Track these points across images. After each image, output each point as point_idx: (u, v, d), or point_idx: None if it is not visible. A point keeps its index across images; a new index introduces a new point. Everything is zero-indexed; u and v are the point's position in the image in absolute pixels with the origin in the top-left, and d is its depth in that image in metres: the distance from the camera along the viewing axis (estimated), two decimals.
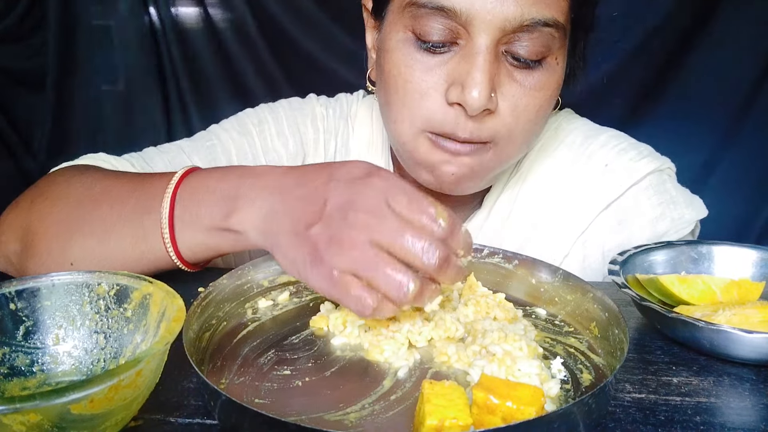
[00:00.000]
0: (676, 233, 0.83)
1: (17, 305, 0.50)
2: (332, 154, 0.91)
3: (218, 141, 0.87)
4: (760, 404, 0.52)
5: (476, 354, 0.54)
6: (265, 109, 0.92)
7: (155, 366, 0.44)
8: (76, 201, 0.69)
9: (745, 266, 0.71)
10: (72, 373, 0.51)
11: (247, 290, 0.65)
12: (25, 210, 0.72)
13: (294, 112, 0.91)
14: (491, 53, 0.67)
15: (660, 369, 0.57)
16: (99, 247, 0.66)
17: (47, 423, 0.38)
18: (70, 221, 0.67)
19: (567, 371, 0.55)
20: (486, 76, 0.67)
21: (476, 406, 0.45)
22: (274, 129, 0.89)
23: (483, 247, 0.71)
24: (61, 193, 0.71)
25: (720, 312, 0.60)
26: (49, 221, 0.68)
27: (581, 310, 0.62)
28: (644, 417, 0.49)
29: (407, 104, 0.72)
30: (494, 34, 0.67)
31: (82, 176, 0.72)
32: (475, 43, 0.67)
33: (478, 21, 0.66)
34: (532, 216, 0.86)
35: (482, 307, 0.62)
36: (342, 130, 0.92)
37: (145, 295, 0.50)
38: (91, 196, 0.68)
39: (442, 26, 0.68)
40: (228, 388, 0.51)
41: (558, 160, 0.87)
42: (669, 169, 0.86)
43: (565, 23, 0.70)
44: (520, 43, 0.68)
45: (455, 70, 0.69)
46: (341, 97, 0.95)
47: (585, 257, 0.85)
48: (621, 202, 0.84)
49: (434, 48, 0.69)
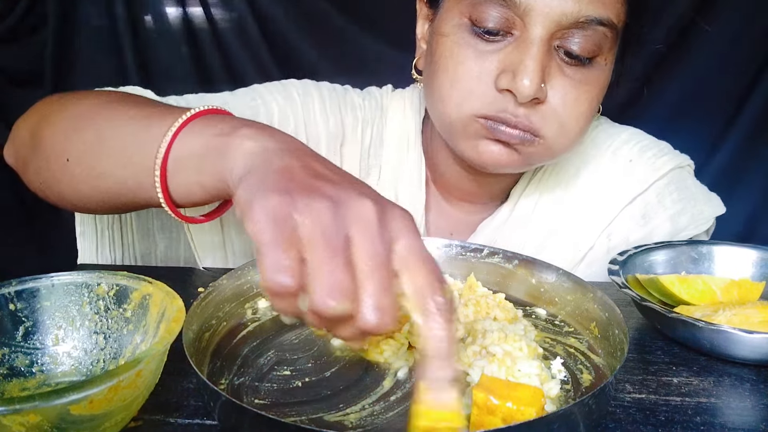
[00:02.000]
0: (696, 228, 0.85)
1: (17, 306, 0.50)
2: (368, 143, 0.91)
3: (262, 101, 0.85)
4: (760, 404, 0.52)
5: (476, 354, 0.54)
6: (310, 83, 0.91)
7: (155, 366, 0.44)
8: (95, 102, 0.66)
9: (745, 266, 0.71)
10: (72, 374, 0.51)
11: (246, 290, 0.65)
12: (48, 105, 0.70)
13: (337, 95, 0.91)
14: (545, 45, 0.69)
15: (660, 369, 0.57)
16: (95, 144, 0.62)
17: (47, 424, 0.38)
18: (78, 117, 0.65)
19: (567, 371, 0.54)
20: (538, 66, 0.68)
21: (476, 407, 0.45)
22: (318, 105, 0.88)
23: (483, 247, 0.71)
24: (86, 96, 0.68)
25: (720, 312, 0.60)
26: (61, 115, 0.66)
27: (581, 310, 0.62)
28: (644, 417, 0.49)
29: (456, 86, 0.73)
30: (550, 27, 0.68)
31: (116, 92, 0.70)
32: (530, 34, 0.69)
33: (535, 12, 0.68)
34: (556, 209, 0.87)
35: (482, 307, 0.62)
36: (378, 120, 0.92)
37: (145, 295, 0.50)
38: (114, 101, 0.66)
39: (498, 14, 0.69)
40: (228, 389, 0.51)
41: (582, 155, 0.88)
42: (689, 166, 0.88)
43: (619, 26, 0.71)
44: (574, 39, 0.69)
45: (508, 58, 0.70)
46: (373, 89, 0.95)
47: (609, 250, 0.86)
48: (645, 196, 0.86)
49: (489, 35, 0.71)
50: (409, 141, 0.90)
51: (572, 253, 0.86)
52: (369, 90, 0.95)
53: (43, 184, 0.68)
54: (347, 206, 0.41)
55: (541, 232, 0.87)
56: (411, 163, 0.89)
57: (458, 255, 0.72)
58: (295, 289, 0.39)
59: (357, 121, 0.90)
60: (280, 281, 0.39)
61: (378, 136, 0.91)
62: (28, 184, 0.71)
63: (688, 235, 0.84)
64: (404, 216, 0.43)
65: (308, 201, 0.41)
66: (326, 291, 0.39)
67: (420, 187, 0.89)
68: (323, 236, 0.40)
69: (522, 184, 0.88)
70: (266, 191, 0.42)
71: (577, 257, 0.86)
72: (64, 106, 0.68)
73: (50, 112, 0.68)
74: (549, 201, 0.87)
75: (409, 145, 0.90)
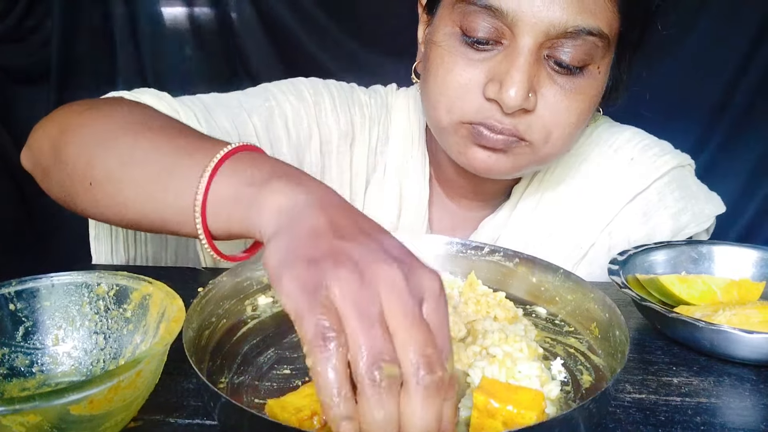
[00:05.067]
0: (697, 226, 0.85)
1: (17, 306, 0.50)
2: (375, 141, 0.92)
3: (276, 102, 0.85)
4: (760, 404, 0.52)
5: (476, 355, 0.54)
6: (318, 82, 0.91)
7: (155, 367, 0.44)
8: (121, 124, 0.63)
9: (745, 266, 0.71)
10: (71, 374, 0.51)
11: (246, 287, 0.65)
12: (71, 115, 0.67)
13: (345, 93, 0.91)
14: (533, 55, 0.69)
15: (660, 369, 0.57)
16: (119, 171, 0.59)
17: (47, 424, 0.38)
18: (104, 137, 0.62)
19: (567, 372, 0.54)
20: (525, 77, 0.69)
21: (477, 410, 0.45)
22: (328, 104, 0.88)
23: (483, 245, 0.71)
24: (112, 112, 0.66)
25: (720, 312, 0.60)
26: (87, 130, 0.64)
27: (582, 310, 0.62)
28: (645, 417, 0.49)
29: (445, 93, 0.74)
30: (538, 37, 0.68)
31: (138, 106, 0.68)
32: (518, 44, 0.69)
33: (523, 23, 0.68)
34: (558, 207, 0.87)
35: (482, 305, 0.62)
36: (383, 118, 0.93)
37: (145, 295, 0.50)
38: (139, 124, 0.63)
39: (488, 24, 0.70)
40: (227, 388, 0.51)
41: (584, 153, 0.89)
42: (689, 165, 0.89)
43: (611, 35, 0.71)
44: (563, 48, 0.69)
45: (496, 67, 0.71)
46: (378, 88, 0.96)
47: (611, 248, 0.86)
48: (646, 194, 0.86)
49: (478, 44, 0.71)
50: (413, 139, 0.91)
51: (574, 251, 0.86)
52: (374, 88, 0.96)
53: (67, 197, 0.66)
54: (373, 272, 0.40)
55: (543, 230, 0.87)
56: (415, 160, 0.90)
57: (459, 253, 0.72)
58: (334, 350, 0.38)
59: (365, 119, 0.91)
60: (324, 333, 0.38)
61: (384, 133, 0.92)
62: (47, 192, 0.69)
63: (689, 234, 0.85)
64: (431, 275, 0.42)
65: (335, 270, 0.40)
66: (371, 359, 0.38)
67: (424, 184, 0.89)
68: (355, 307, 0.39)
69: (524, 183, 0.88)
70: (293, 261, 0.41)
71: (579, 255, 0.87)
72: (85, 121, 0.65)
73: (71, 125, 0.65)
74: (551, 199, 0.88)
75: (413, 143, 0.91)
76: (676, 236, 0.84)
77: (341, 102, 0.89)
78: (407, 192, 0.90)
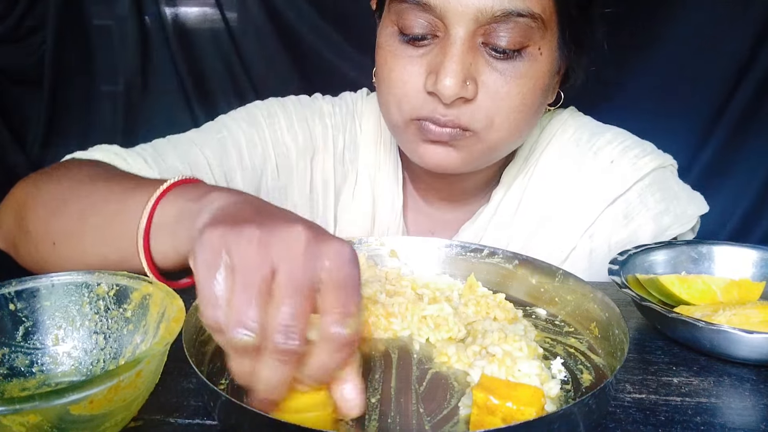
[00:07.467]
0: (680, 227, 0.84)
1: (17, 305, 0.50)
2: (341, 150, 0.92)
3: (228, 133, 0.87)
4: (760, 404, 0.52)
5: (476, 354, 0.54)
6: (274, 102, 0.92)
7: (155, 366, 0.44)
8: (71, 183, 0.69)
9: (745, 266, 0.71)
10: (72, 374, 0.51)
11: None
12: (27, 188, 0.73)
13: (303, 107, 0.92)
14: (465, 44, 0.70)
15: (660, 369, 0.57)
16: (77, 224, 0.65)
17: (47, 424, 0.38)
18: (58, 199, 0.68)
19: (567, 371, 0.54)
20: (458, 66, 0.70)
21: (476, 407, 0.45)
22: (284, 122, 0.90)
23: (483, 247, 0.71)
24: (62, 176, 0.72)
25: (720, 312, 0.60)
26: (41, 199, 0.70)
27: (581, 311, 0.62)
28: (644, 417, 0.49)
29: (392, 92, 0.76)
30: (468, 25, 0.69)
31: (88, 164, 0.73)
32: (450, 35, 0.70)
33: (451, 13, 0.69)
34: (539, 210, 0.87)
35: (482, 307, 0.62)
36: (350, 126, 0.93)
37: (145, 295, 0.50)
38: (88, 179, 0.69)
39: (422, 20, 0.71)
40: (228, 388, 0.51)
41: (565, 155, 0.88)
42: (671, 165, 0.88)
43: (544, 14, 0.71)
44: (497, 33, 0.70)
45: (433, 60, 0.72)
46: (346, 95, 0.97)
47: (592, 251, 0.86)
48: (627, 196, 0.85)
49: (416, 41, 0.73)
50: (384, 144, 0.92)
51: (555, 254, 0.86)
52: (342, 96, 0.97)
53: (37, 264, 0.70)
54: (274, 233, 0.42)
55: (524, 232, 0.87)
56: (387, 165, 0.91)
57: (458, 255, 0.72)
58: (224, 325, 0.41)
59: (327, 128, 0.92)
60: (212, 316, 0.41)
61: (352, 141, 0.93)
62: (23, 265, 0.73)
63: (673, 234, 0.84)
64: (339, 243, 0.43)
65: (238, 232, 0.42)
66: (234, 323, 0.40)
67: (397, 190, 0.90)
68: (244, 267, 0.41)
69: (504, 186, 0.88)
70: (206, 228, 0.44)
71: (560, 258, 0.86)
72: (40, 190, 0.71)
73: (29, 197, 0.71)
74: (531, 202, 0.87)
75: (384, 148, 0.91)
76: (658, 238, 0.84)
77: (299, 118, 0.91)
78: (380, 197, 0.90)
